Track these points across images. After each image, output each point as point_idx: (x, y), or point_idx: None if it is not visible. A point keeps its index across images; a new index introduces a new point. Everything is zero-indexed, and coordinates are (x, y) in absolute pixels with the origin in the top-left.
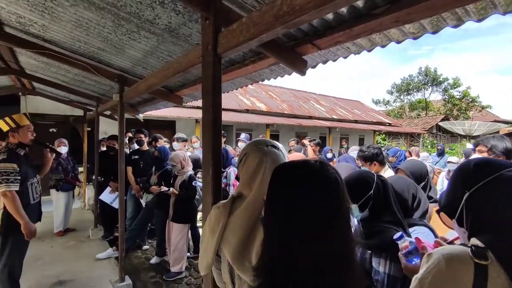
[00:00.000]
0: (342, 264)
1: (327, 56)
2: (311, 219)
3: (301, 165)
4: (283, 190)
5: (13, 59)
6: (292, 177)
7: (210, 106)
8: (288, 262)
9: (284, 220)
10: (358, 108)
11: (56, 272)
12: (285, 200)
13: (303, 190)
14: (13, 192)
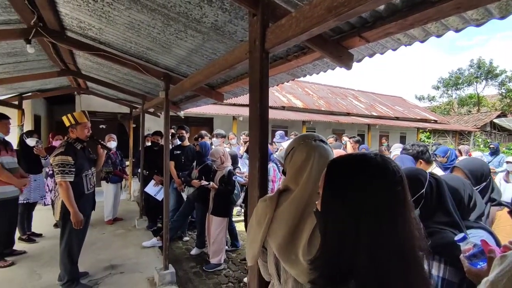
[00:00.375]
0: (407, 262)
1: (374, 49)
2: (378, 212)
3: (363, 157)
4: (346, 181)
5: (72, 61)
6: (357, 168)
7: (257, 101)
8: (351, 256)
9: (349, 213)
10: (399, 104)
11: (108, 256)
12: (350, 192)
13: (370, 182)
14: (67, 182)
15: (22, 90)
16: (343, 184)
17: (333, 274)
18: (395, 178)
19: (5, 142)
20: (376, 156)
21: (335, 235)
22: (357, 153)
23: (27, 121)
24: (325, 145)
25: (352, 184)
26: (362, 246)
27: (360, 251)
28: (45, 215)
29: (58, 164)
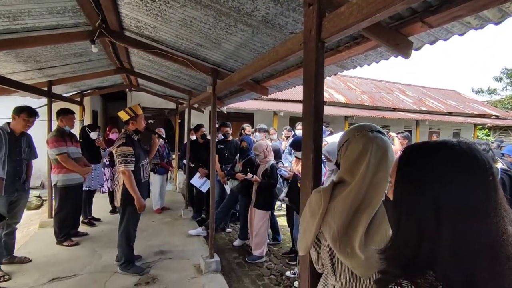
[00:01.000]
0: (498, 261)
1: (437, 34)
2: (465, 205)
3: (446, 145)
4: (427, 170)
5: (127, 59)
6: (440, 156)
7: (312, 91)
8: (429, 247)
9: (429, 204)
10: (453, 98)
11: (157, 242)
12: (432, 182)
13: (455, 172)
14: (129, 171)
15: (83, 87)
16: (423, 173)
17: (408, 264)
18: (485, 168)
19: (71, 134)
20: (460, 144)
21: (412, 226)
22: (437, 140)
23: (87, 116)
24: (383, 136)
25: (434, 173)
26: (444, 239)
27: (441, 244)
28: (102, 202)
29: (121, 154)
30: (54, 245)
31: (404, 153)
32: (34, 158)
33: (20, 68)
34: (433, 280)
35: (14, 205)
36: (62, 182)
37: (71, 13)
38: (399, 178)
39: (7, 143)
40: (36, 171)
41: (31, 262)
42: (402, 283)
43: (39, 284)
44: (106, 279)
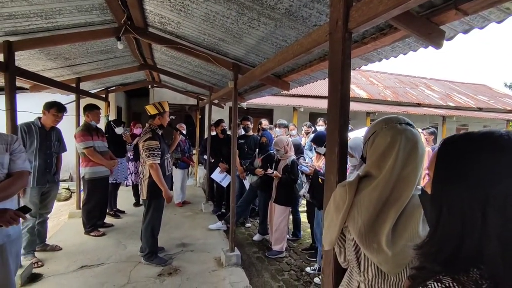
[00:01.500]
0: None
1: (472, 22)
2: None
3: (491, 135)
4: (472, 162)
5: (150, 55)
6: (487, 147)
7: (339, 83)
8: (474, 243)
9: (475, 197)
10: (483, 93)
11: (179, 235)
12: (478, 174)
13: (504, 163)
14: (157, 164)
15: (108, 84)
16: (468, 165)
17: (449, 260)
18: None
19: (97, 129)
20: (509, 134)
21: (454, 221)
22: (482, 130)
23: (111, 112)
24: (412, 129)
25: (480, 165)
26: (491, 234)
27: (488, 240)
28: (126, 195)
29: (148, 148)
30: (82, 235)
31: (444, 144)
32: (63, 152)
33: (51, 65)
34: (478, 278)
35: (46, 196)
36: (89, 174)
37: (98, 10)
38: (439, 171)
39: (38, 137)
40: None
41: (62, 250)
42: (443, 279)
43: (69, 271)
44: (131, 268)
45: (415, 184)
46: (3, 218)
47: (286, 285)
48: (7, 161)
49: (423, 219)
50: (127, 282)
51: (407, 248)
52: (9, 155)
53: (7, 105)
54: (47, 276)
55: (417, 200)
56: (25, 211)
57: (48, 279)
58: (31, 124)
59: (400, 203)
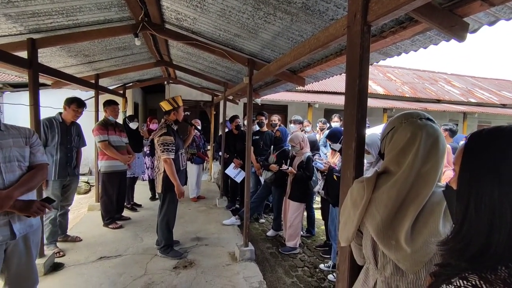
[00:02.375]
0: None
1: (498, 14)
2: None
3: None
4: (503, 156)
5: (167, 52)
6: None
7: (357, 77)
8: (502, 239)
9: (505, 192)
10: (508, 89)
11: (194, 229)
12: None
13: None
14: (171, 159)
15: (126, 80)
16: (497, 159)
17: (476, 257)
18: None
19: (116, 124)
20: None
21: (482, 217)
22: (511, 125)
23: (129, 107)
24: (433, 124)
25: (511, 160)
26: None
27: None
28: (143, 189)
29: (163, 143)
30: (101, 227)
31: (472, 138)
32: (83, 146)
33: (72, 62)
34: (506, 276)
35: (67, 188)
36: (105, 168)
37: (117, 7)
38: (466, 166)
39: (59, 132)
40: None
41: (82, 241)
42: (469, 277)
43: (89, 261)
44: (147, 260)
45: (435, 181)
46: (30, 209)
47: (299, 281)
48: (27, 154)
49: (444, 217)
50: (144, 274)
51: (427, 246)
52: (29, 148)
53: (31, 100)
54: (68, 266)
55: (437, 197)
56: (49, 202)
57: (70, 269)
58: (53, 119)
59: (420, 200)
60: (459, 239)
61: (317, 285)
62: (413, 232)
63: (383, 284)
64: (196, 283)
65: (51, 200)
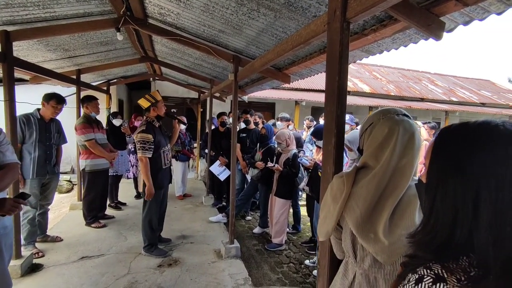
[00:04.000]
0: None
1: (472, 14)
2: (509, 187)
3: (487, 125)
4: (469, 151)
5: (151, 47)
6: (483, 136)
7: (336, 73)
8: (465, 231)
9: (469, 186)
10: (487, 88)
11: (179, 227)
12: (473, 163)
13: (498, 153)
14: (146, 158)
15: (109, 77)
16: (462, 155)
17: (440, 249)
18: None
19: (97, 121)
20: (504, 124)
21: (447, 210)
22: (478, 120)
23: (113, 105)
24: (410, 120)
25: (475, 156)
26: (482, 224)
27: (479, 230)
28: (127, 188)
29: (140, 141)
30: (83, 226)
31: (441, 134)
32: (64, 143)
33: (51, 56)
34: (467, 266)
35: (46, 187)
36: (90, 167)
37: (97, 0)
38: (434, 161)
39: (37, 129)
40: (66, 156)
41: (63, 241)
42: (432, 266)
43: (70, 261)
44: (131, 259)
45: (411, 175)
46: (4, 207)
47: (285, 277)
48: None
49: (419, 209)
50: (127, 273)
51: (403, 238)
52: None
53: (5, 95)
54: (48, 266)
55: (414, 190)
56: (23, 197)
57: (49, 269)
58: (30, 116)
59: (397, 194)
60: (426, 232)
61: (302, 280)
62: (391, 224)
63: (362, 277)
64: (181, 281)
65: (26, 195)
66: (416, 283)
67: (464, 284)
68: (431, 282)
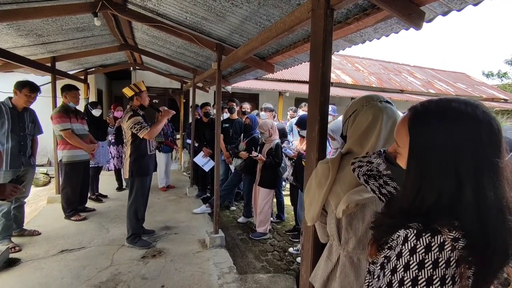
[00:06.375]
0: (504, 217)
1: (451, 4)
2: (482, 163)
3: (448, 104)
4: (433, 128)
5: (131, 35)
6: (443, 113)
7: (320, 60)
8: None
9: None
10: (462, 81)
11: (163, 218)
12: (449, 143)
13: (454, 128)
14: (148, 129)
15: (87, 65)
16: (430, 138)
17: (428, 214)
18: (497, 129)
19: (76, 111)
20: (465, 102)
21: (430, 189)
22: (445, 98)
23: (91, 95)
24: (392, 106)
25: (439, 136)
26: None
27: (462, 205)
28: (109, 180)
29: (135, 123)
30: (62, 220)
31: (413, 115)
32: (39, 134)
33: (22, 42)
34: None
35: (21, 179)
36: (67, 158)
37: None
38: (411, 143)
39: (10, 118)
40: (43, 148)
41: (41, 235)
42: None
43: (49, 255)
44: (114, 251)
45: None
46: (5, 191)
47: (269, 265)
48: None
49: None
50: (110, 265)
51: None
52: None
53: None
54: (26, 261)
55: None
56: (17, 183)
57: (27, 264)
58: (1, 105)
59: None
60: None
61: (286, 267)
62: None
63: (346, 258)
64: (165, 272)
65: (19, 181)
66: (416, 237)
67: (456, 237)
68: (429, 235)
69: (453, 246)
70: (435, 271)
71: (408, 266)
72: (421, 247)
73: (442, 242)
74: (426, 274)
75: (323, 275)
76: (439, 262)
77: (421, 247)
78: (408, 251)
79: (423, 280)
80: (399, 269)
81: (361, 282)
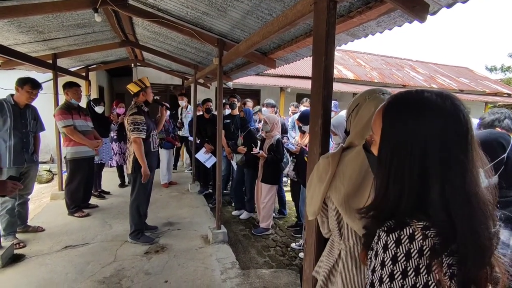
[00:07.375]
0: (472, 207)
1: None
2: (449, 156)
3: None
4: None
5: (132, 31)
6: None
7: (322, 54)
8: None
9: (418, 158)
10: (465, 75)
11: (165, 215)
12: (410, 131)
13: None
14: (141, 139)
15: (88, 62)
16: (399, 127)
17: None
18: (465, 123)
19: (79, 108)
20: (433, 93)
21: (398, 180)
22: (414, 90)
23: (93, 91)
24: None
25: (407, 126)
26: (433, 190)
27: (430, 196)
28: (111, 176)
29: (133, 123)
30: (66, 216)
31: (387, 105)
32: (41, 131)
33: (23, 39)
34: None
35: (25, 176)
36: (71, 154)
37: None
38: (382, 132)
39: (12, 115)
40: (45, 146)
41: (45, 231)
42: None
43: (53, 251)
44: (117, 247)
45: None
46: (6, 188)
47: (271, 260)
48: None
49: None
50: (114, 260)
51: None
52: None
53: None
54: (30, 257)
55: None
56: (16, 179)
57: (31, 259)
58: (3, 102)
59: None
60: (378, 203)
61: (288, 263)
62: None
63: (346, 254)
64: (168, 267)
65: (17, 178)
66: (387, 234)
67: (427, 225)
68: (398, 229)
69: (425, 235)
70: (408, 262)
71: (384, 263)
72: (392, 242)
73: (412, 232)
74: (400, 268)
75: (325, 270)
76: (411, 252)
77: (391, 243)
78: (382, 249)
79: (398, 273)
80: (377, 268)
81: (363, 277)
